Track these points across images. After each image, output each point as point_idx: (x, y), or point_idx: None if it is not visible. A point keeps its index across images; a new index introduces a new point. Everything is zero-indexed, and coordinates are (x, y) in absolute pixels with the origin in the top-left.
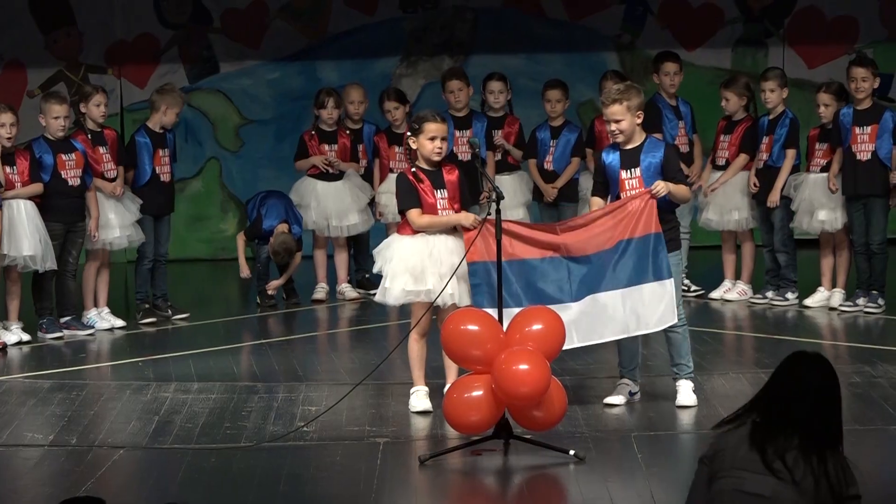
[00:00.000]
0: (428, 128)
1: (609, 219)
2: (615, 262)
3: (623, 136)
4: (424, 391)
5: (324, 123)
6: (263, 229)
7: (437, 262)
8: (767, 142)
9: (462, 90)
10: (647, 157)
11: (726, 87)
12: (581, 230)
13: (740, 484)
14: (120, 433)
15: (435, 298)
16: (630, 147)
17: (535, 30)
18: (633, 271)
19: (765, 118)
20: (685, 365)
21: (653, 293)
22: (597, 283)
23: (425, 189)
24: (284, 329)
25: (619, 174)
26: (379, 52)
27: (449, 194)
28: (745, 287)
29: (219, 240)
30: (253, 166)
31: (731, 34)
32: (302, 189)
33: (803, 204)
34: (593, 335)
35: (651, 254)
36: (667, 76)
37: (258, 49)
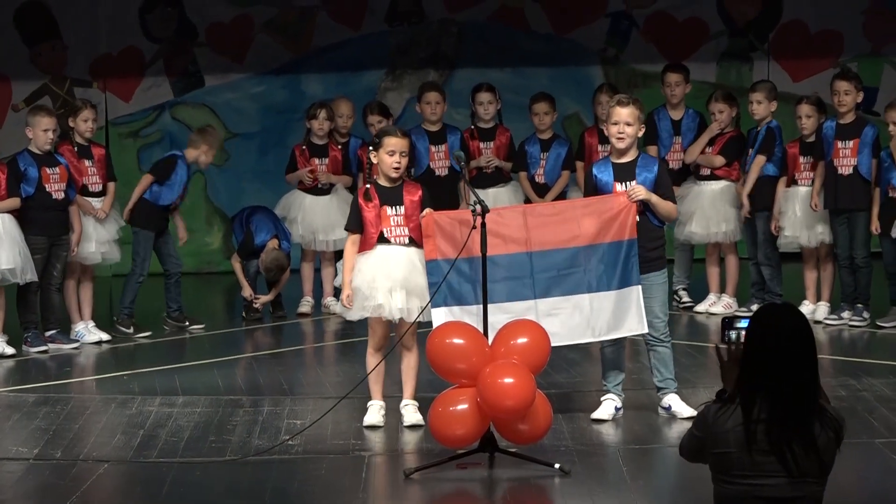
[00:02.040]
0: (388, 142)
1: (582, 214)
2: (585, 266)
3: (626, 141)
4: (378, 405)
5: (315, 136)
6: (255, 245)
7: (387, 276)
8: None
9: (439, 103)
10: (642, 171)
11: (717, 100)
12: (550, 219)
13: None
14: (105, 447)
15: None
16: (624, 161)
17: (521, 44)
18: (604, 276)
19: (753, 130)
20: (673, 380)
21: (621, 300)
22: (565, 283)
23: (370, 207)
24: (270, 343)
25: (613, 188)
26: (364, 65)
27: (406, 212)
28: (730, 300)
29: (204, 253)
30: (238, 180)
31: (715, 48)
32: (289, 203)
33: (792, 218)
34: (559, 337)
35: (622, 260)
36: (668, 87)
37: (243, 63)
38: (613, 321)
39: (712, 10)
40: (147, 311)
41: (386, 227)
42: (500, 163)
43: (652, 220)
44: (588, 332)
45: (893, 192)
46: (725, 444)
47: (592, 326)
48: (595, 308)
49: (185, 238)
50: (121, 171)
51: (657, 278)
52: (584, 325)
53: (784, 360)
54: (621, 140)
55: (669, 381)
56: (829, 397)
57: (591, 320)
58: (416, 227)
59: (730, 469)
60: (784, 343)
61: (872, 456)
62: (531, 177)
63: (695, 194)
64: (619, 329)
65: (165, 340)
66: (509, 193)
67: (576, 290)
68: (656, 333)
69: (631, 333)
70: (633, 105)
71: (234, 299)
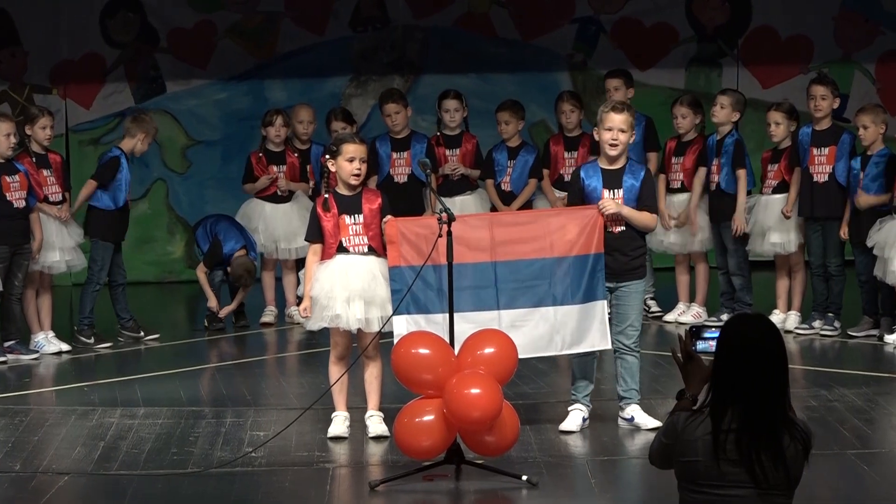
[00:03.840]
0: (346, 149)
1: (550, 225)
2: (551, 278)
3: (619, 148)
4: (343, 416)
5: (271, 143)
6: (224, 254)
7: (345, 286)
8: (717, 163)
9: (399, 113)
10: (629, 178)
11: (682, 104)
12: (516, 228)
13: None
14: (64, 459)
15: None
16: (614, 167)
17: (487, 49)
18: (569, 289)
19: (713, 137)
20: (637, 391)
21: (585, 314)
22: (529, 295)
23: (329, 217)
24: (233, 353)
25: (601, 195)
26: (328, 71)
27: (365, 220)
28: (700, 310)
29: (165, 262)
30: (200, 188)
31: (684, 54)
32: (249, 211)
33: (756, 226)
34: (524, 350)
35: (588, 274)
36: (608, 92)
37: (205, 69)
38: (577, 335)
39: (681, 15)
40: (106, 322)
41: (345, 236)
42: (467, 170)
43: (633, 230)
44: (551, 345)
45: (859, 201)
46: (693, 453)
47: (556, 340)
48: (559, 321)
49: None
50: (81, 179)
51: (637, 287)
52: (547, 338)
53: (754, 371)
54: (614, 147)
55: (633, 392)
56: (800, 408)
57: (554, 333)
58: (376, 235)
59: (696, 478)
60: (754, 354)
61: (844, 467)
62: (497, 184)
63: (668, 206)
64: (582, 344)
65: (126, 351)
66: (475, 201)
67: (541, 303)
68: (628, 342)
69: (593, 349)
70: (627, 112)
71: (197, 309)
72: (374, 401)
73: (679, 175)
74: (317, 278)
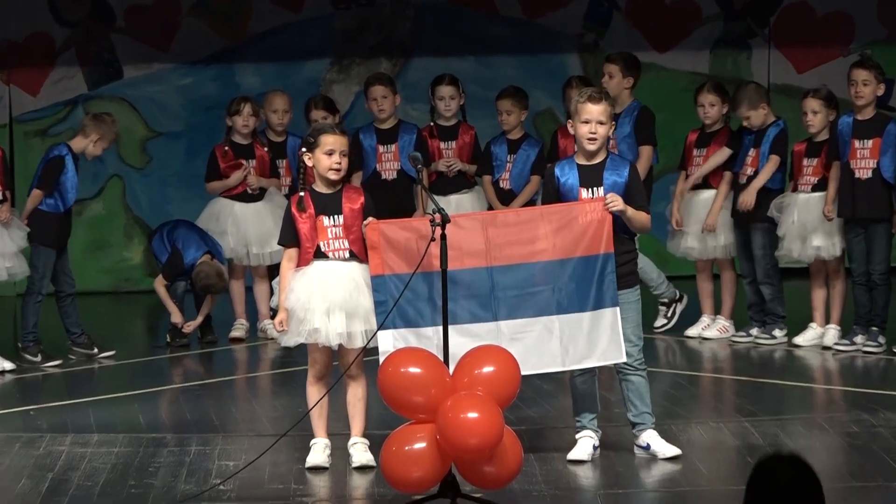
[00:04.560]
0: (325, 140)
1: (550, 223)
2: (554, 283)
3: (598, 142)
4: (323, 444)
5: (238, 134)
6: (185, 264)
7: (324, 296)
8: (754, 155)
9: (387, 98)
10: (611, 174)
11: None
12: (513, 228)
13: None
14: (7, 493)
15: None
16: (592, 163)
17: (486, 29)
18: (575, 296)
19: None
20: (650, 414)
21: (595, 323)
22: (531, 303)
23: (305, 218)
24: (198, 372)
25: (578, 194)
26: (306, 54)
27: (346, 222)
28: (726, 323)
29: (122, 270)
30: (161, 185)
31: (709, 34)
32: (216, 212)
33: (793, 228)
34: (525, 365)
35: (597, 277)
36: (601, 77)
37: (168, 51)
38: (586, 348)
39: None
40: (55, 337)
41: (323, 239)
42: (464, 166)
43: (620, 232)
44: (557, 359)
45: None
46: None
47: (563, 354)
48: (565, 332)
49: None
50: (27, 175)
51: (629, 296)
52: (553, 352)
53: None
54: (593, 141)
55: (646, 416)
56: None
57: (561, 346)
58: (358, 238)
59: None
60: None
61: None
62: (495, 181)
63: (688, 205)
64: (593, 357)
65: (77, 370)
66: (473, 200)
67: (543, 312)
68: (629, 360)
69: (606, 362)
70: (605, 101)
71: (158, 322)
72: (359, 426)
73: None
74: (292, 287)
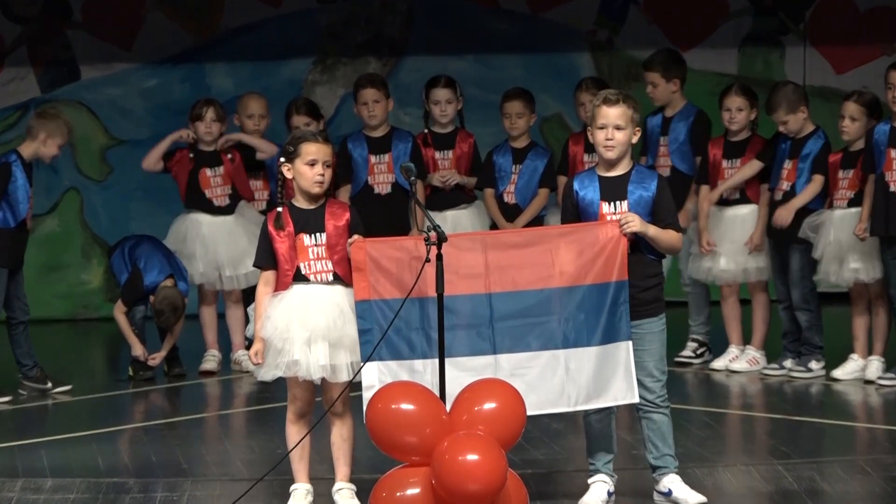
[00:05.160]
0: (306, 150)
1: (558, 245)
2: (560, 313)
3: (616, 150)
4: (304, 490)
5: (201, 142)
6: (145, 287)
7: (304, 324)
8: (790, 168)
9: (379, 102)
10: (637, 188)
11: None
12: (516, 251)
13: None
14: None
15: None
16: (614, 174)
17: (487, 24)
18: (584, 328)
19: (788, 138)
20: (672, 457)
21: (606, 359)
22: (534, 335)
23: (283, 237)
24: (164, 409)
25: (598, 209)
26: (286, 52)
27: (329, 241)
28: (757, 354)
29: (79, 294)
30: (123, 199)
31: (736, 30)
32: (182, 232)
33: (829, 248)
34: (527, 404)
35: (608, 308)
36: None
37: (130, 49)
38: (595, 386)
39: None
40: (4, 369)
41: (303, 260)
42: (462, 178)
43: (646, 252)
44: (563, 399)
45: None
46: None
47: (569, 392)
48: (572, 368)
49: None
50: None
51: (653, 326)
52: (558, 391)
53: None
54: (610, 149)
55: (668, 459)
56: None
57: (567, 384)
58: (343, 259)
59: None
60: None
61: None
62: (499, 195)
63: (718, 222)
64: (603, 396)
65: (29, 407)
66: (472, 217)
67: (548, 345)
68: (650, 396)
69: (616, 403)
70: (623, 104)
71: (120, 353)
72: (344, 470)
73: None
74: (269, 314)
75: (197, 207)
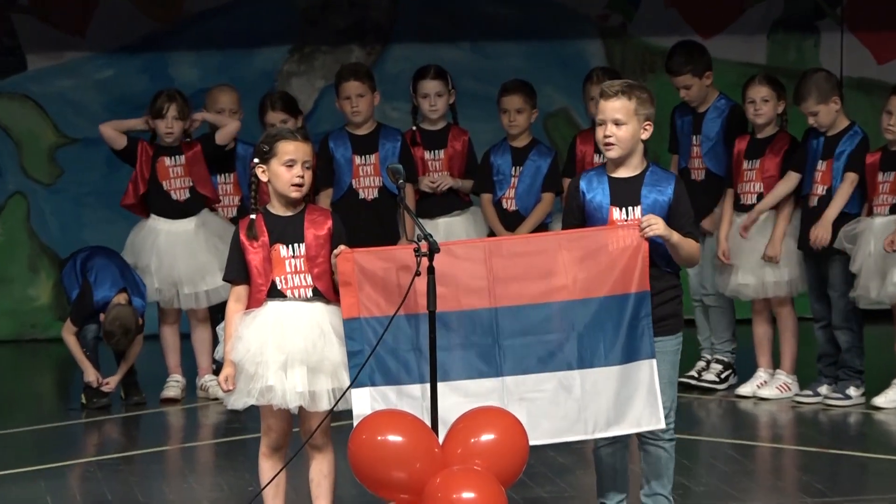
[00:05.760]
0: (283, 149)
1: (570, 253)
2: (573, 329)
3: (617, 148)
4: None
5: (162, 141)
6: (95, 303)
7: (280, 346)
8: (825, 169)
9: (364, 96)
10: (651, 191)
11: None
12: (523, 260)
13: None
14: None
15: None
16: (626, 176)
17: (484, 7)
18: (601, 345)
19: (819, 135)
20: (667, 498)
21: (627, 380)
22: (544, 354)
23: (257, 248)
24: (120, 441)
25: (608, 214)
26: (259, 40)
27: (309, 252)
28: (789, 380)
29: (26, 312)
30: (75, 205)
31: (765, 14)
32: (138, 244)
33: (869, 261)
34: (537, 432)
35: (628, 322)
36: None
37: (84, 36)
38: (615, 412)
39: None
40: None
41: (279, 274)
42: (455, 182)
43: (661, 264)
44: (579, 426)
45: None
46: None
47: (585, 419)
48: (588, 392)
49: None
50: None
51: (666, 345)
52: (572, 417)
53: None
54: (610, 147)
55: (661, 500)
56: None
57: (583, 409)
58: (324, 273)
59: None
60: None
61: None
62: (497, 201)
63: (738, 231)
64: (624, 422)
65: None
66: (467, 224)
67: (561, 365)
68: None
69: (640, 429)
70: (622, 96)
71: (72, 378)
72: None
73: (755, 186)
74: (240, 335)
75: (152, 204)
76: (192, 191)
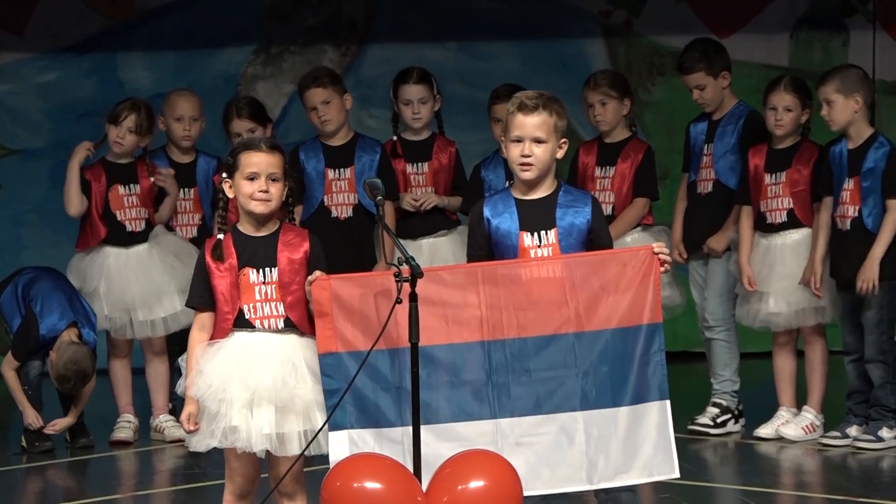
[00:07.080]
0: (247, 161)
1: (575, 276)
2: (579, 365)
3: (535, 170)
4: None
5: (109, 152)
6: (41, 337)
7: (246, 383)
8: (853, 188)
9: (330, 103)
10: (566, 213)
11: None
12: (520, 287)
13: None
14: None
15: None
16: (535, 197)
17: (472, 3)
18: (608, 384)
19: (842, 147)
20: None
21: (636, 422)
22: (543, 393)
23: (223, 271)
24: (66, 487)
25: (517, 241)
26: (220, 39)
27: (282, 278)
28: (814, 418)
29: None
30: (14, 224)
31: (789, 11)
32: (86, 263)
33: None
34: (535, 481)
35: (639, 358)
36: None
37: (23, 34)
38: (623, 458)
39: None
40: None
41: (248, 302)
42: (441, 199)
43: None
44: (581, 474)
45: None
46: None
47: (589, 466)
48: (593, 435)
49: None
50: None
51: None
52: (575, 464)
53: None
54: (526, 168)
55: None
56: None
57: (586, 455)
58: (299, 301)
59: None
60: None
61: None
62: None
63: (764, 253)
64: (633, 471)
65: None
66: (454, 246)
67: (563, 406)
68: None
69: (651, 479)
70: (544, 110)
71: (11, 419)
72: None
73: (783, 202)
74: (201, 369)
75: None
76: (148, 222)
